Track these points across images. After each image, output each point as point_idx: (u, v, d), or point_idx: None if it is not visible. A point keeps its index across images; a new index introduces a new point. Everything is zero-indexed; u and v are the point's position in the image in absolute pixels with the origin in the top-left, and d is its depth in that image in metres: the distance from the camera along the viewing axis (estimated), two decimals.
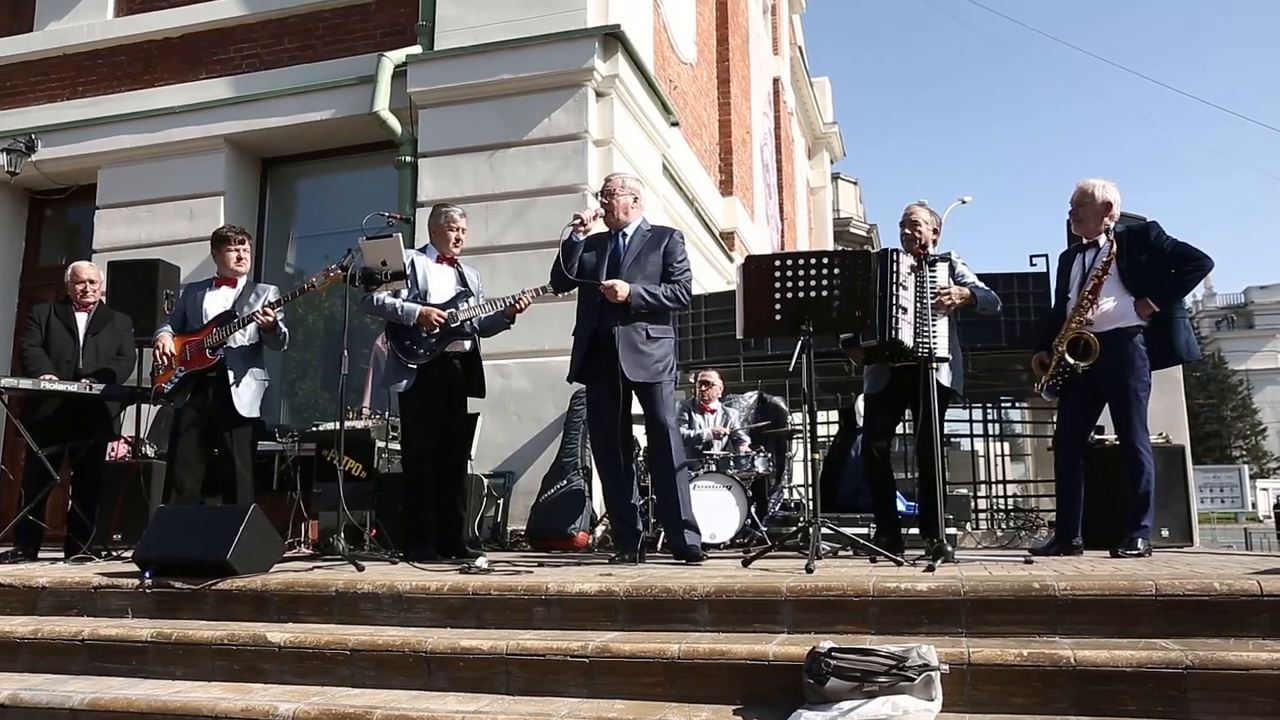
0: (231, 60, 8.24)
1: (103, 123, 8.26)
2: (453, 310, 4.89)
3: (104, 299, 5.94)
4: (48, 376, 5.34)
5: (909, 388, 4.50)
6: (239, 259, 5.31)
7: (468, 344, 5.00)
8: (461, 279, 5.10)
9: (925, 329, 4.32)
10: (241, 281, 5.36)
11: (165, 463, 5.35)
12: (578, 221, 4.62)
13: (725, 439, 6.64)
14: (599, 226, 4.80)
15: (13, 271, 8.97)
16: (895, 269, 4.44)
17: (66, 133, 8.34)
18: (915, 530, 4.98)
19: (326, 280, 4.92)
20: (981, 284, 4.70)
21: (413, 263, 4.95)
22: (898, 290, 4.41)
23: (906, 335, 4.37)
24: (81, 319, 5.67)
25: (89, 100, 8.52)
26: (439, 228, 5.07)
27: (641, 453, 5.55)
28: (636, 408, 4.69)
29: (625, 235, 4.73)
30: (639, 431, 5.12)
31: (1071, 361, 4.55)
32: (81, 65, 8.71)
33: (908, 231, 4.70)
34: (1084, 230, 4.72)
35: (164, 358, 5.11)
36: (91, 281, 5.71)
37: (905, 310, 4.38)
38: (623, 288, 4.51)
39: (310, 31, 8.08)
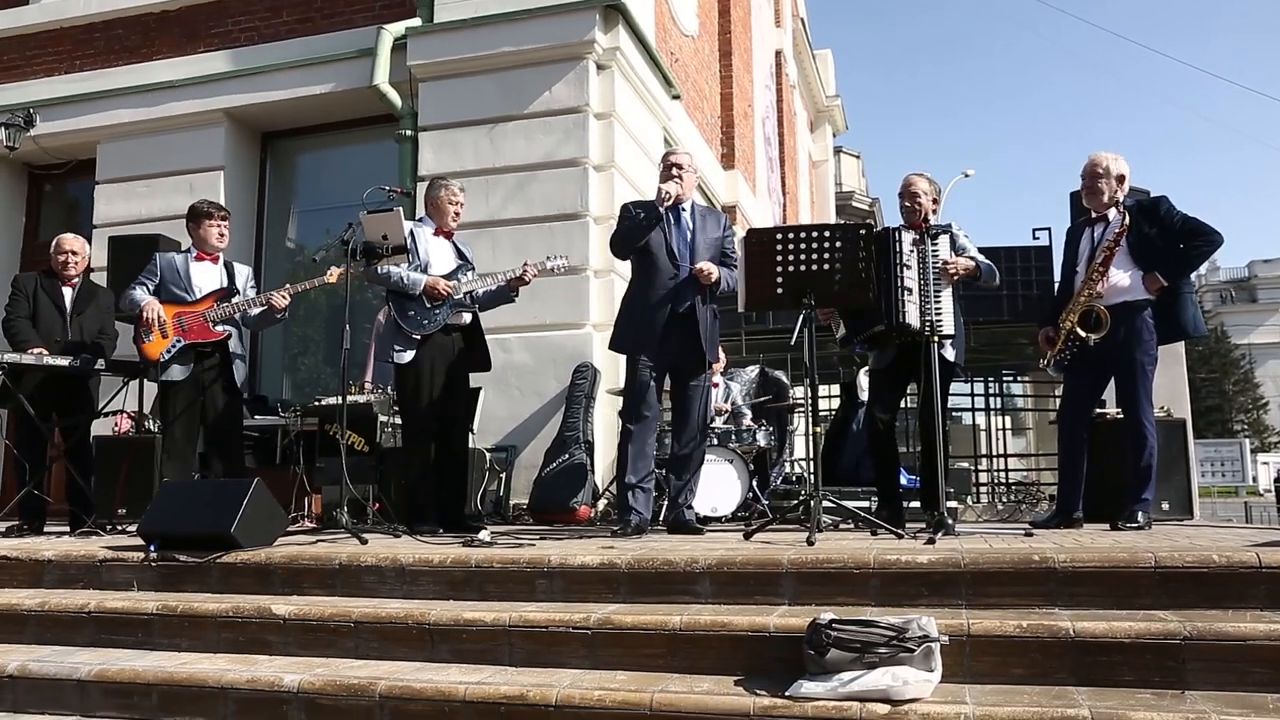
0: (230, 33, 8.18)
1: (101, 97, 8.21)
2: (456, 281, 4.90)
3: (89, 273, 5.88)
4: (40, 350, 5.31)
5: (914, 362, 4.49)
6: (220, 235, 5.27)
7: (467, 317, 5.01)
8: (459, 252, 5.10)
9: (930, 305, 4.30)
10: (220, 258, 5.33)
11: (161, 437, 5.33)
12: (669, 198, 4.58)
13: (727, 414, 6.65)
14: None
15: (13, 247, 8.96)
16: (898, 249, 4.42)
17: (64, 107, 8.30)
18: (916, 504, 5.00)
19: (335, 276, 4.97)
20: (983, 256, 4.68)
21: (412, 233, 4.94)
22: (902, 271, 4.39)
23: (913, 317, 4.35)
24: (67, 294, 5.63)
25: (87, 74, 8.46)
26: (437, 200, 5.06)
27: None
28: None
29: (685, 210, 4.75)
30: None
31: (1083, 334, 4.53)
32: (79, 39, 8.65)
33: (907, 204, 4.68)
34: (1094, 203, 4.70)
35: (155, 324, 4.99)
36: (75, 253, 5.65)
37: (910, 291, 4.37)
38: (712, 269, 4.58)
39: (308, 4, 8.02)
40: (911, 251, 4.39)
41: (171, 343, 5.03)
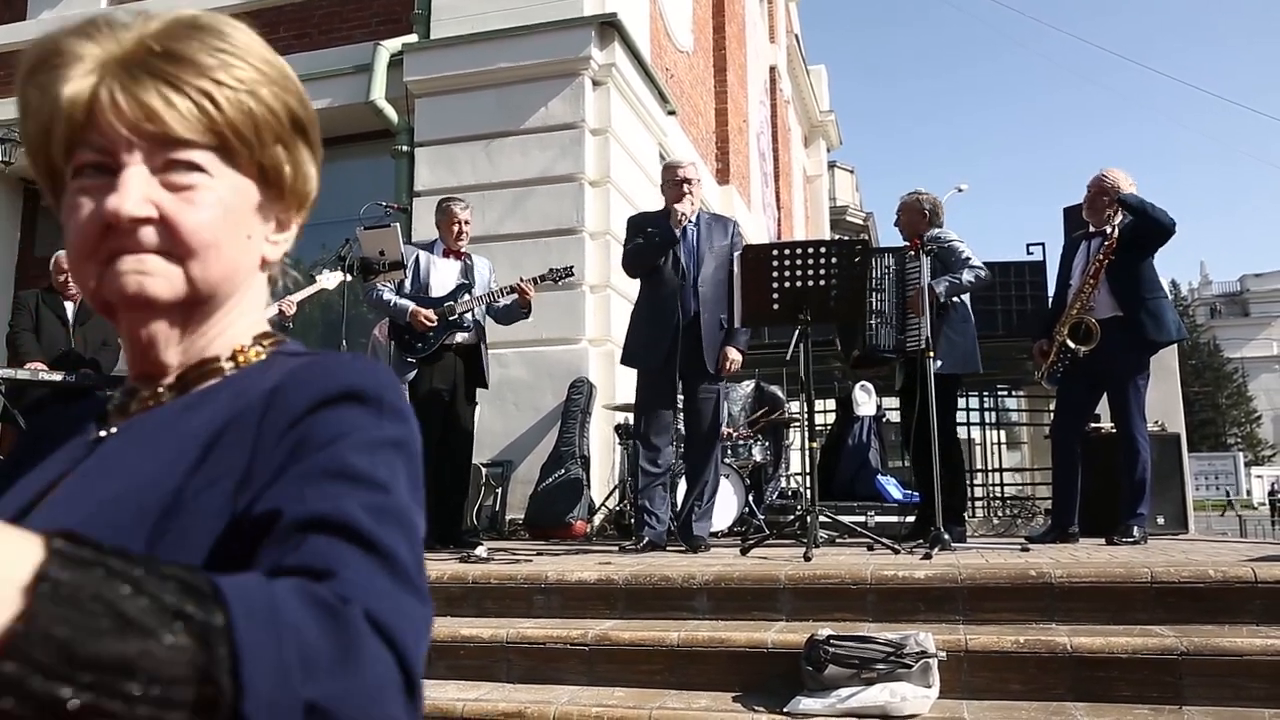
0: None
1: None
2: (449, 304, 4.92)
3: None
4: (38, 365, 5.30)
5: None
6: None
7: (468, 336, 5.03)
8: (465, 272, 5.13)
9: (909, 323, 4.32)
10: None
11: None
12: (684, 220, 4.62)
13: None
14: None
15: (8, 262, 8.95)
16: (870, 274, 4.43)
17: None
18: (911, 518, 5.01)
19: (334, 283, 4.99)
20: (966, 255, 4.66)
21: (416, 258, 4.99)
22: (874, 295, 4.42)
23: (883, 338, 4.38)
24: (69, 307, 5.68)
25: None
26: (444, 220, 5.13)
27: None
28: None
29: (690, 220, 4.76)
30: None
31: (1072, 346, 4.56)
32: None
33: (897, 226, 4.81)
34: (1094, 218, 4.73)
35: None
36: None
37: (881, 314, 4.41)
38: (737, 358, 4.62)
39: (306, 20, 8.05)
40: (883, 276, 4.42)
41: None
